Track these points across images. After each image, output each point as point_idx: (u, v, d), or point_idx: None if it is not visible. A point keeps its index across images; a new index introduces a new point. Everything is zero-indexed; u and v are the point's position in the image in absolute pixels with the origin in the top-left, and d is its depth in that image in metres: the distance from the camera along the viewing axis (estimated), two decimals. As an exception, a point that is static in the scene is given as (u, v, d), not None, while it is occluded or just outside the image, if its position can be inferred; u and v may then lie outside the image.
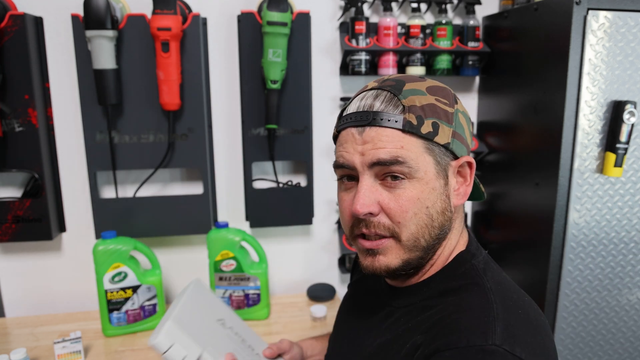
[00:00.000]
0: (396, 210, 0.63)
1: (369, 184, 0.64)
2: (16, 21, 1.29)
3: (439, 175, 0.64)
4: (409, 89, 0.64)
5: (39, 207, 1.40)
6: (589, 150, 1.21)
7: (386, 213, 0.64)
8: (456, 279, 0.67)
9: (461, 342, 0.57)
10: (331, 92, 1.59)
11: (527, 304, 0.64)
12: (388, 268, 0.66)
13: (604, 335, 1.33)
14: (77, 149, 1.47)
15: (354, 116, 0.65)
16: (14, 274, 1.53)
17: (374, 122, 0.63)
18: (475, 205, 1.75)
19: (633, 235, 1.28)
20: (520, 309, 0.62)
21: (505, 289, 0.65)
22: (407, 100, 0.63)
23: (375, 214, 0.64)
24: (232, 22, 1.48)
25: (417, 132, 0.62)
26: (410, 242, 0.65)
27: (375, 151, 0.62)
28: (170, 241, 1.58)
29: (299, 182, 1.60)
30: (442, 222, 0.66)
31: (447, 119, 0.64)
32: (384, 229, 0.64)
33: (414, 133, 0.62)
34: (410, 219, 0.63)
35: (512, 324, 0.59)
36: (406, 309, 0.69)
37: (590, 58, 1.16)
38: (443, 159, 0.65)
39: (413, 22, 1.52)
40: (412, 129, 0.62)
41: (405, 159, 0.62)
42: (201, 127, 1.44)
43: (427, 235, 0.65)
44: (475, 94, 1.70)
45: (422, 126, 0.62)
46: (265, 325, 1.44)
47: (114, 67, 1.32)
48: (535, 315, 0.63)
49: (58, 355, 1.19)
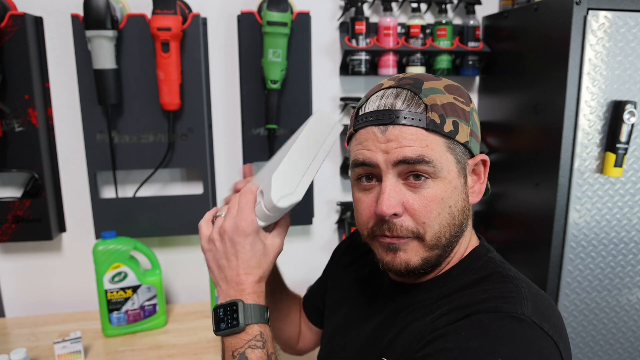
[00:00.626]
0: (421, 211, 0.62)
1: (392, 183, 0.62)
2: (16, 21, 1.29)
3: (459, 174, 0.65)
4: (428, 87, 0.64)
5: (39, 207, 1.40)
6: (589, 150, 1.21)
7: (410, 214, 0.63)
8: (476, 272, 0.67)
9: (491, 307, 0.58)
10: (331, 92, 1.59)
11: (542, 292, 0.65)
12: (408, 265, 0.65)
13: (604, 335, 1.33)
14: (77, 149, 1.47)
15: (375, 114, 0.63)
16: (14, 274, 1.53)
17: (397, 121, 0.62)
18: (475, 205, 1.74)
19: (633, 235, 1.28)
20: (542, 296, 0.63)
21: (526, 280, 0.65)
22: (429, 99, 0.62)
23: (399, 214, 0.63)
24: (232, 22, 1.48)
25: (440, 130, 0.62)
26: (433, 242, 0.64)
27: (401, 149, 0.61)
28: (170, 241, 1.58)
29: (299, 182, 1.60)
30: (462, 220, 0.66)
31: (465, 118, 0.65)
32: (407, 231, 0.63)
33: (437, 132, 0.62)
34: (435, 219, 0.63)
35: (540, 305, 0.60)
36: (422, 304, 0.68)
37: (590, 58, 1.16)
38: (462, 157, 0.65)
39: (413, 22, 1.51)
40: (435, 128, 0.61)
41: (431, 158, 0.61)
42: (201, 127, 1.44)
43: (448, 234, 0.65)
44: (475, 94, 1.70)
45: (445, 125, 0.62)
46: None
47: (114, 67, 1.32)
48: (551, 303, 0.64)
49: (58, 355, 1.19)
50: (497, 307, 0.58)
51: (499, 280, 0.64)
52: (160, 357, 1.27)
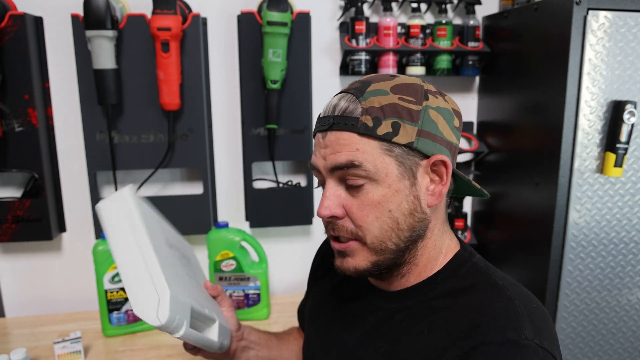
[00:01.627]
0: (357, 214, 0.64)
1: (332, 187, 0.65)
2: (16, 21, 1.29)
3: (402, 177, 0.63)
4: (373, 89, 0.63)
5: (39, 207, 1.40)
6: (589, 150, 1.21)
7: (349, 217, 0.65)
8: (463, 278, 0.67)
9: (496, 338, 0.58)
10: (331, 92, 1.58)
11: (530, 295, 0.66)
12: (356, 270, 0.66)
13: (604, 335, 1.33)
14: (77, 149, 1.47)
15: (320, 121, 0.66)
16: (14, 274, 1.53)
17: (333, 127, 0.63)
18: (476, 205, 1.75)
19: (633, 235, 1.28)
20: (532, 301, 0.64)
21: (513, 284, 0.66)
22: (367, 102, 0.62)
23: (339, 217, 0.65)
24: (232, 22, 1.48)
25: (373, 133, 0.61)
26: (376, 245, 0.65)
27: (334, 156, 0.63)
28: (170, 241, 1.58)
29: (299, 182, 1.60)
30: (412, 224, 0.65)
31: (411, 118, 0.62)
32: (348, 232, 0.65)
33: (370, 135, 0.61)
34: (372, 222, 0.63)
35: (534, 317, 0.61)
36: (408, 311, 0.68)
37: (590, 58, 1.16)
38: (407, 159, 0.63)
39: (413, 22, 1.52)
40: (367, 131, 0.61)
41: (361, 162, 0.61)
42: (201, 127, 1.44)
43: (394, 238, 0.64)
44: (475, 94, 1.70)
45: (379, 127, 0.61)
46: (265, 325, 1.44)
47: (114, 67, 1.32)
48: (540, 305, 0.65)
49: (58, 355, 1.19)
50: (502, 337, 0.58)
51: (491, 293, 0.64)
52: (160, 357, 1.27)
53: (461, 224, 1.69)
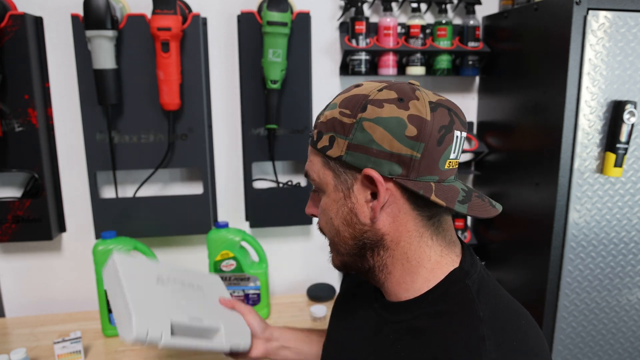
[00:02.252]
0: (319, 217, 0.71)
1: (313, 191, 0.73)
2: (16, 21, 1.29)
3: (337, 189, 0.66)
4: (332, 102, 0.67)
5: (39, 207, 1.40)
6: (589, 150, 1.21)
7: None
8: (447, 301, 0.63)
9: None
10: (331, 92, 1.59)
11: (524, 327, 0.62)
12: (334, 264, 0.73)
13: (604, 335, 1.33)
14: (77, 149, 1.47)
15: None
16: (14, 274, 1.53)
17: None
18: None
19: (633, 235, 1.28)
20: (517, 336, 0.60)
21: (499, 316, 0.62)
22: (323, 116, 0.66)
23: (315, 216, 0.73)
24: (232, 22, 1.48)
25: (315, 147, 0.67)
26: (334, 247, 0.71)
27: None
28: (170, 241, 1.58)
29: (299, 182, 1.60)
30: (353, 234, 0.65)
31: (344, 132, 0.61)
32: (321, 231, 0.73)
33: (314, 148, 0.67)
34: (324, 227, 0.70)
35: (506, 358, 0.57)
36: (396, 325, 0.66)
37: (590, 58, 1.16)
38: (342, 172, 0.64)
39: (413, 22, 1.52)
40: (313, 145, 0.67)
41: (310, 173, 0.69)
42: (201, 127, 1.44)
43: (342, 243, 0.68)
44: (475, 94, 1.70)
45: (320, 141, 0.65)
46: (265, 325, 1.43)
47: (114, 67, 1.32)
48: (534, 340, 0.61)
49: (58, 355, 1.19)
50: None
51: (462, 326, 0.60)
52: (160, 357, 1.27)
53: (461, 224, 1.69)
